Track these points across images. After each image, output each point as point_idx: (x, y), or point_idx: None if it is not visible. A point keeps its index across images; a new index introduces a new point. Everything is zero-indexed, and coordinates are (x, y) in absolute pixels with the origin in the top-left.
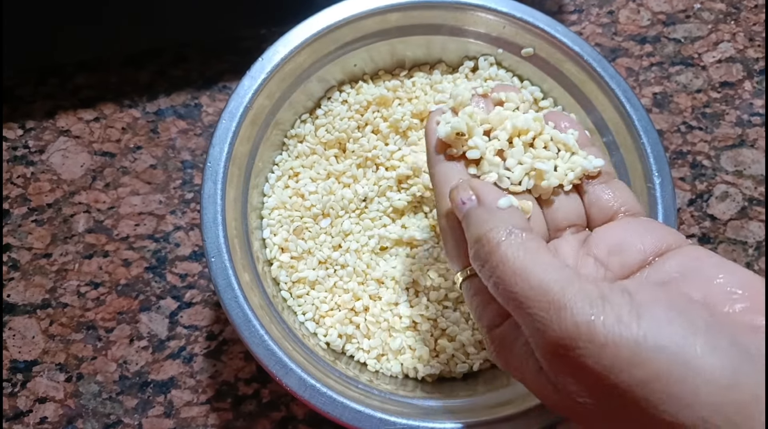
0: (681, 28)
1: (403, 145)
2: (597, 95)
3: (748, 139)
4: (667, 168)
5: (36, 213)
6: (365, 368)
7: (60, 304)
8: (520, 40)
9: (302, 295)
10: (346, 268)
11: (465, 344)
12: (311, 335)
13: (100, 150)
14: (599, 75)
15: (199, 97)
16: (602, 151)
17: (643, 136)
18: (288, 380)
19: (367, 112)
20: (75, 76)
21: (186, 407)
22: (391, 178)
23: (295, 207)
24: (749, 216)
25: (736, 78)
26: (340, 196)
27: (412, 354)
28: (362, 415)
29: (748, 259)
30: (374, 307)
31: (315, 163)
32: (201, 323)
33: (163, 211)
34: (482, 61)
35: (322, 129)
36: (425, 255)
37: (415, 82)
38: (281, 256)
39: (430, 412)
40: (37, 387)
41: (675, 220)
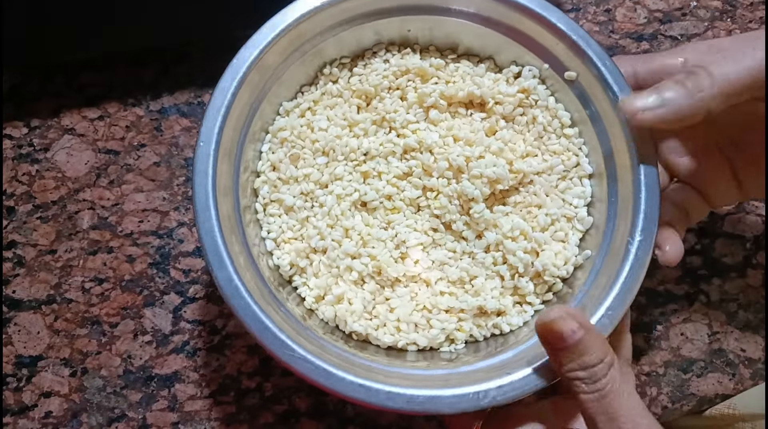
0: (677, 26)
1: (422, 119)
2: (621, 146)
3: None
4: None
5: (41, 210)
6: (302, 304)
7: (65, 299)
8: (567, 62)
9: (274, 215)
10: (323, 207)
11: (400, 319)
12: (266, 253)
13: (104, 148)
14: (623, 120)
15: (202, 95)
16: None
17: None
18: (226, 287)
19: (403, 77)
20: (80, 74)
21: (190, 401)
22: (398, 145)
23: (301, 136)
24: (746, 210)
25: None
26: (345, 143)
27: (348, 306)
28: (270, 334)
29: (746, 253)
30: (332, 251)
31: (337, 104)
32: (204, 318)
33: (167, 208)
34: (526, 70)
35: (356, 77)
36: (400, 232)
37: (459, 69)
38: (269, 173)
39: (344, 361)
40: (42, 382)
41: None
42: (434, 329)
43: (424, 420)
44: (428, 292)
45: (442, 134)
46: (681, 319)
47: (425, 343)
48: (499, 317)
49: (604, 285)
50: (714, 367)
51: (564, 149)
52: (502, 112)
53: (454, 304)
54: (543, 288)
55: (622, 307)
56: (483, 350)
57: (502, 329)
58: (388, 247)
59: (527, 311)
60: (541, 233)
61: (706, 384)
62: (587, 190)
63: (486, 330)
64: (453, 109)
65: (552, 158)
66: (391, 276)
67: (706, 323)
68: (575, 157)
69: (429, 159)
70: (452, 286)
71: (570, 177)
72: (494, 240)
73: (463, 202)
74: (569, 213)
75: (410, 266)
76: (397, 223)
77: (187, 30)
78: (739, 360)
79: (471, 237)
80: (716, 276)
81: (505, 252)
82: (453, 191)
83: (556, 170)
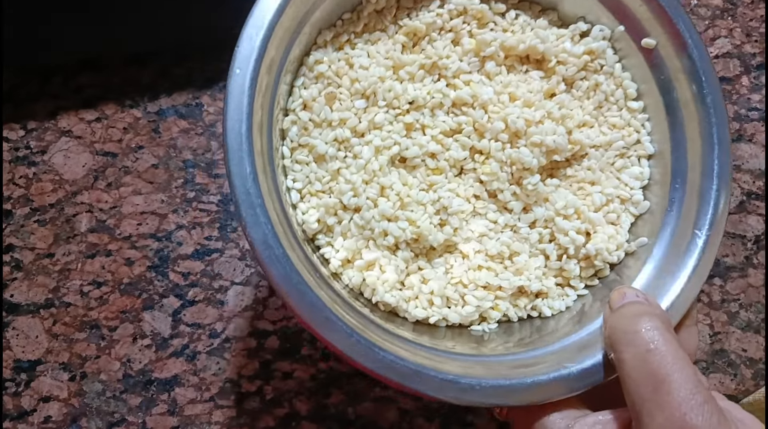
0: None
1: (476, 70)
2: (694, 130)
3: (746, 134)
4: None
5: (38, 213)
6: (327, 265)
7: (63, 303)
8: (648, 26)
9: (301, 163)
10: (358, 158)
11: (434, 292)
12: (290, 205)
13: (101, 150)
14: (707, 104)
15: (200, 97)
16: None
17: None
18: (254, 232)
19: (458, 18)
20: (77, 76)
21: (190, 405)
22: (448, 97)
23: (339, 72)
24: (748, 210)
25: (734, 73)
26: (388, 87)
27: (379, 274)
28: (293, 287)
29: (747, 253)
30: (366, 212)
31: (379, 40)
32: (204, 321)
33: (165, 211)
34: (596, 30)
35: (405, 12)
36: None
37: (519, 17)
38: (301, 112)
39: (370, 329)
40: (41, 386)
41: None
42: (469, 306)
43: (424, 420)
44: (465, 265)
45: (497, 90)
46: None
47: (457, 320)
48: (539, 299)
49: (666, 279)
50: (715, 368)
51: (625, 124)
52: (564, 73)
53: (492, 280)
54: (589, 272)
55: (685, 306)
56: (516, 333)
57: (542, 312)
58: (428, 211)
59: (569, 295)
60: (595, 214)
61: (708, 385)
62: (645, 172)
63: (523, 311)
64: (509, 63)
65: (611, 132)
66: (429, 245)
67: (707, 324)
68: (636, 133)
69: (482, 117)
70: (491, 260)
71: (628, 155)
72: (543, 216)
73: (516, 171)
74: (624, 194)
75: (451, 236)
76: (440, 185)
77: (185, 31)
78: (741, 360)
79: (517, 209)
80: (717, 276)
81: (555, 230)
82: (507, 157)
83: (615, 146)
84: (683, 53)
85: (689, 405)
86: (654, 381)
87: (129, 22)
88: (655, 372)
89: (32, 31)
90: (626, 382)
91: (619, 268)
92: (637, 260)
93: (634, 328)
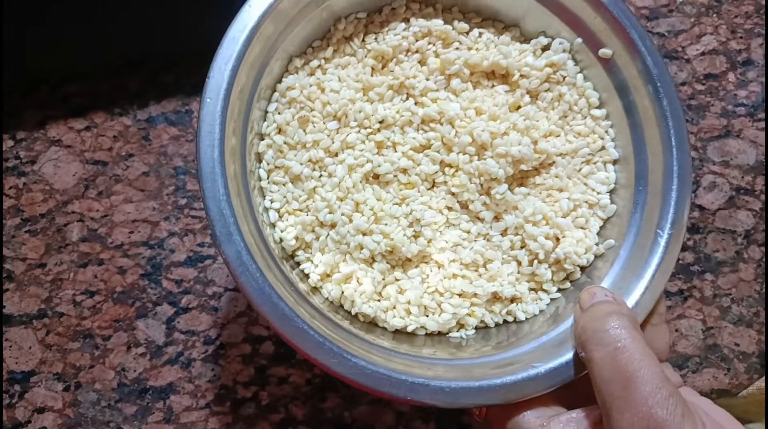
0: (664, 22)
1: (443, 87)
2: (654, 133)
3: (734, 130)
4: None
5: (29, 223)
6: (306, 280)
7: (56, 313)
8: (604, 38)
9: (278, 183)
10: (332, 177)
11: (411, 301)
12: (269, 225)
13: (92, 159)
14: (663, 108)
15: (190, 103)
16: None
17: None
18: (227, 249)
19: (423, 40)
20: (65, 85)
21: (185, 412)
22: (417, 114)
23: (311, 97)
24: (737, 205)
25: (720, 70)
26: (358, 108)
27: (357, 286)
28: (266, 299)
29: (738, 248)
30: (342, 227)
31: (350, 64)
32: (198, 328)
33: (157, 218)
34: (556, 43)
35: (372, 36)
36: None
37: (483, 36)
38: (275, 136)
39: (345, 339)
40: (35, 397)
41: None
42: (446, 314)
43: (421, 422)
44: (440, 274)
45: (464, 106)
46: (675, 315)
47: (435, 328)
48: (514, 304)
49: (630, 278)
50: (709, 363)
51: (589, 131)
52: (527, 86)
53: (467, 288)
54: (561, 276)
55: (650, 303)
56: (494, 338)
57: (517, 316)
58: (401, 224)
59: (543, 299)
60: (563, 219)
61: (702, 380)
62: (611, 176)
63: (499, 316)
64: (475, 79)
65: (577, 140)
66: (404, 256)
67: (700, 319)
68: (601, 140)
69: (450, 132)
70: (465, 269)
71: (594, 161)
72: (513, 223)
73: (484, 182)
74: (591, 199)
75: (425, 247)
76: (412, 199)
77: (173, 38)
78: (734, 354)
79: (488, 218)
80: (709, 271)
81: (525, 237)
82: (474, 169)
83: (581, 153)
84: (638, 60)
85: (655, 399)
86: (622, 378)
87: (116, 29)
88: (623, 369)
89: (19, 41)
90: (596, 380)
91: (589, 271)
92: (605, 262)
93: (602, 328)
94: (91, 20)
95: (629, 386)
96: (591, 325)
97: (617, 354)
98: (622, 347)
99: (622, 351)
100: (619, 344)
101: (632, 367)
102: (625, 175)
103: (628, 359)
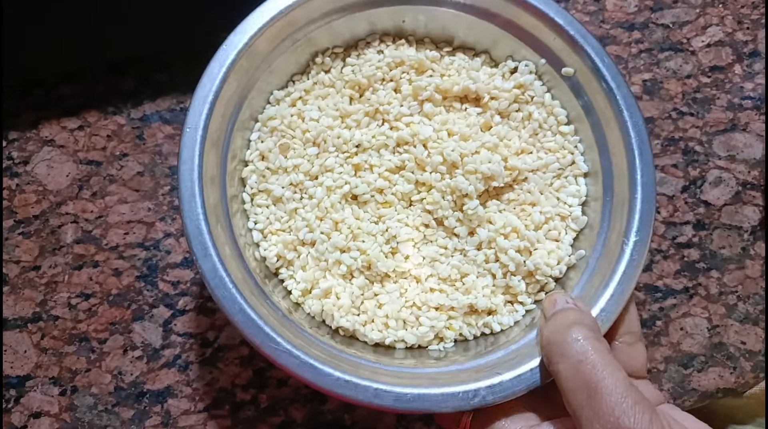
0: (669, 14)
1: (416, 112)
2: (617, 145)
3: (740, 123)
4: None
5: (23, 225)
6: (288, 297)
7: (51, 316)
8: (565, 57)
9: (261, 206)
10: (312, 199)
11: (389, 315)
12: (253, 244)
13: (85, 159)
14: (624, 120)
15: (185, 101)
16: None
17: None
18: (210, 277)
19: (397, 69)
20: (58, 85)
21: (183, 416)
22: (391, 138)
23: (291, 125)
24: (743, 200)
25: (726, 62)
26: (336, 134)
27: (335, 301)
28: (254, 326)
29: (744, 244)
30: (321, 244)
31: (329, 95)
32: (195, 330)
33: (153, 219)
34: (523, 65)
35: (349, 68)
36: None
37: (454, 62)
38: (258, 163)
39: (330, 356)
40: (31, 402)
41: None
42: (423, 327)
43: (422, 424)
44: (418, 288)
45: (436, 128)
46: (680, 313)
47: (414, 341)
48: (490, 316)
49: (598, 286)
50: (715, 362)
51: (559, 147)
52: (497, 107)
53: (444, 301)
54: (535, 287)
55: (616, 309)
56: (473, 349)
57: (493, 328)
58: (378, 241)
59: (518, 311)
60: (534, 232)
61: (707, 379)
62: (582, 189)
63: (476, 329)
64: (448, 103)
65: (547, 156)
66: (380, 271)
67: (705, 317)
68: (570, 155)
69: (422, 153)
70: (443, 283)
71: (565, 175)
72: (486, 237)
73: (457, 198)
74: (563, 212)
75: (401, 262)
76: (389, 217)
77: (167, 38)
78: (740, 353)
79: (463, 234)
80: (715, 268)
81: (497, 250)
82: (446, 186)
83: (551, 168)
84: (597, 75)
85: (621, 408)
86: (587, 389)
87: (111, 28)
88: (588, 381)
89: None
90: (564, 392)
91: (563, 281)
92: (578, 272)
93: (565, 340)
94: (86, 20)
95: (595, 396)
96: (554, 337)
97: (580, 366)
98: (584, 360)
99: (585, 363)
100: (581, 357)
101: (596, 378)
102: (595, 187)
103: (591, 371)
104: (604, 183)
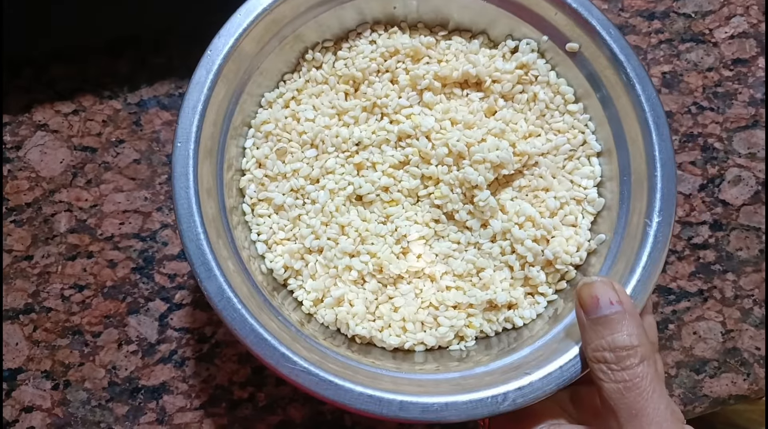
0: (691, 3)
1: (416, 103)
2: (631, 120)
3: (762, 120)
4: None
5: (15, 213)
6: (299, 308)
7: (44, 308)
8: (568, 33)
9: (263, 216)
10: (315, 204)
11: (405, 318)
12: (258, 257)
13: (80, 145)
14: (637, 94)
15: (183, 86)
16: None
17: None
18: (217, 298)
19: (392, 59)
20: (50, 66)
21: (179, 413)
22: (392, 132)
23: (287, 128)
24: (763, 200)
25: (750, 54)
26: (334, 133)
27: (349, 308)
28: (268, 347)
29: (762, 246)
30: (328, 251)
31: (323, 92)
32: (192, 325)
33: (149, 209)
34: (524, 44)
35: (341, 62)
36: (399, 225)
37: (451, 46)
38: (255, 171)
39: (348, 369)
40: (23, 396)
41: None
42: (442, 327)
43: (424, 427)
44: (433, 287)
45: (438, 118)
46: (694, 317)
47: (434, 343)
48: (511, 310)
49: (622, 272)
50: (728, 367)
51: (569, 127)
52: (500, 90)
53: (461, 299)
54: (555, 277)
55: (644, 294)
56: (495, 347)
57: (515, 323)
58: (388, 242)
59: (540, 303)
60: (550, 219)
61: (720, 385)
62: (596, 170)
63: (497, 324)
64: (448, 91)
65: (557, 137)
66: (393, 273)
67: (719, 321)
68: (581, 134)
69: (426, 145)
70: (459, 279)
71: (577, 156)
72: (500, 228)
73: (466, 190)
74: (578, 195)
75: (413, 261)
76: (396, 216)
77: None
78: (754, 359)
79: (476, 226)
80: (731, 271)
81: (512, 241)
82: (454, 179)
83: (562, 150)
84: (604, 48)
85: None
86: (629, 412)
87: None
88: (631, 405)
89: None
90: (605, 404)
91: (584, 268)
92: (599, 257)
93: (615, 362)
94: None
95: (634, 420)
96: (602, 355)
97: (626, 391)
98: (632, 386)
99: (632, 390)
100: (629, 384)
101: (639, 405)
102: (610, 166)
103: (636, 397)
104: (620, 161)
